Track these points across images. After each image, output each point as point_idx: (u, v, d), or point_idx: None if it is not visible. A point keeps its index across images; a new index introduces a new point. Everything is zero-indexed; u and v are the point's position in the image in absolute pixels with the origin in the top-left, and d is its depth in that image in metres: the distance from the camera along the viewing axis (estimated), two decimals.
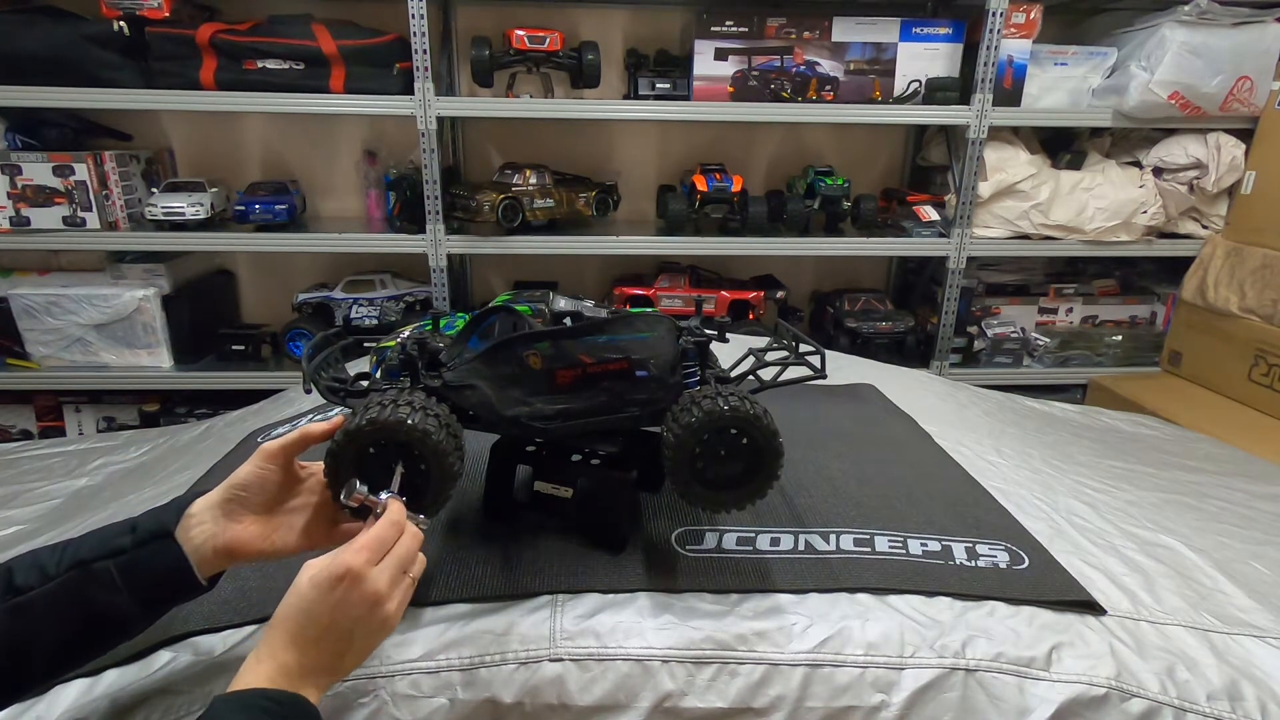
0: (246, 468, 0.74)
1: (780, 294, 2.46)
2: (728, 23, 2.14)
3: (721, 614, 0.82)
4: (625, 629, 0.80)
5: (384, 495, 0.71)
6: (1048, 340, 2.46)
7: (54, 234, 2.08)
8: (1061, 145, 2.42)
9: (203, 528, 0.70)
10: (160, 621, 0.72)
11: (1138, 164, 2.33)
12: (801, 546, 0.93)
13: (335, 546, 0.70)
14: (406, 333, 1.01)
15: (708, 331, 0.91)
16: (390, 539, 0.67)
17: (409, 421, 0.72)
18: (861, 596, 0.86)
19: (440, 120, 2.08)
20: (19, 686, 0.66)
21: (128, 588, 0.66)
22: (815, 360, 0.90)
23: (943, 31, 2.19)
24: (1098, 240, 2.28)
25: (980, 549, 0.95)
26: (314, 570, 0.63)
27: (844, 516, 1.00)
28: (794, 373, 0.92)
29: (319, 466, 0.76)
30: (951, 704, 0.77)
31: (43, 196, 2.04)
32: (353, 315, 2.32)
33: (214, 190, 2.21)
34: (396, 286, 2.38)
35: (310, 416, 1.38)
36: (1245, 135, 2.23)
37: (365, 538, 0.66)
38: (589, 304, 1.71)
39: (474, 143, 2.52)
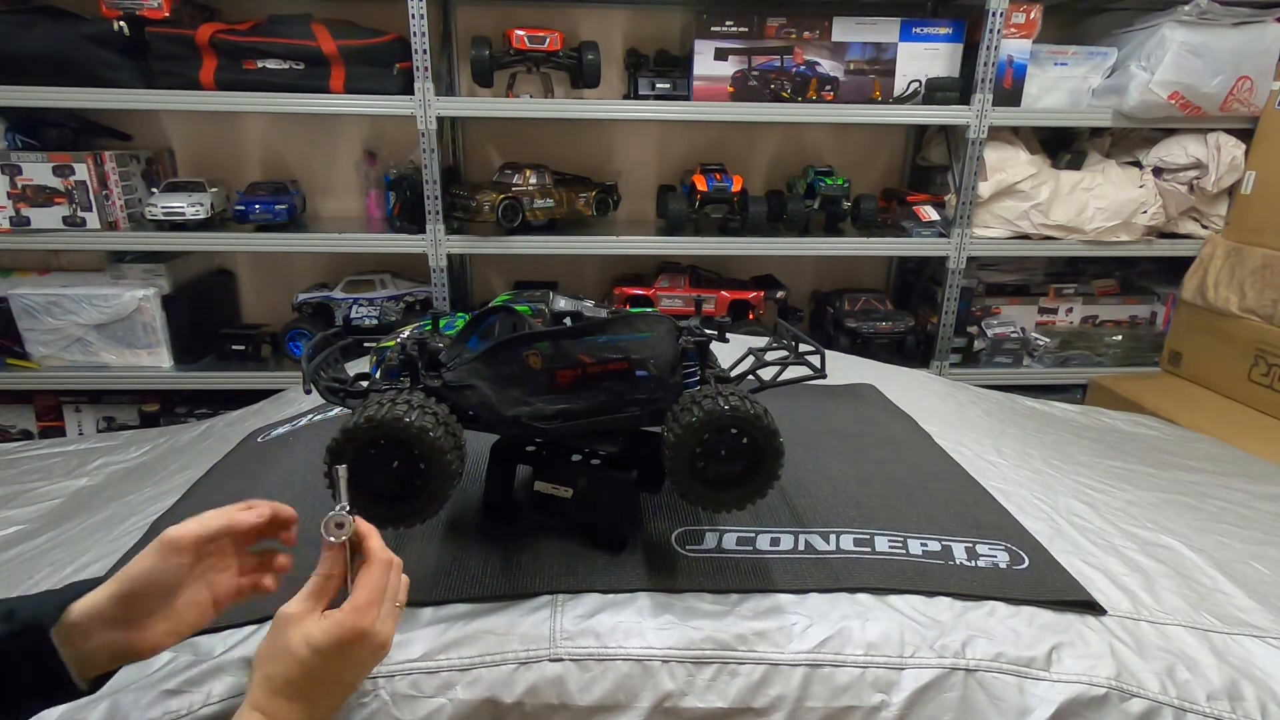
0: (149, 564, 0.62)
1: (780, 294, 2.46)
2: (728, 23, 2.14)
3: (721, 614, 0.82)
4: (625, 629, 0.80)
5: (342, 513, 0.65)
6: (1048, 340, 2.46)
7: (54, 234, 2.08)
8: (1061, 145, 2.42)
9: (94, 640, 0.60)
10: None
11: (1138, 164, 2.33)
12: (801, 546, 0.93)
13: (245, 595, 0.68)
14: (406, 333, 1.01)
15: (708, 331, 0.91)
16: (386, 582, 0.64)
17: (406, 419, 0.72)
18: (861, 596, 0.86)
19: (440, 120, 2.08)
20: None
21: None
22: (815, 360, 0.90)
23: (943, 31, 2.19)
24: (1098, 240, 2.28)
25: (980, 549, 0.95)
26: (315, 635, 0.59)
27: (844, 516, 1.00)
28: (794, 372, 0.92)
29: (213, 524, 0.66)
30: (951, 704, 0.77)
31: (43, 196, 2.04)
32: (353, 315, 2.32)
33: (214, 190, 2.21)
34: (396, 286, 2.38)
35: (310, 417, 1.38)
36: (1245, 135, 2.23)
37: (367, 593, 0.62)
38: (589, 304, 1.71)
39: (474, 143, 2.52)
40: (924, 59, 2.21)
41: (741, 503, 0.82)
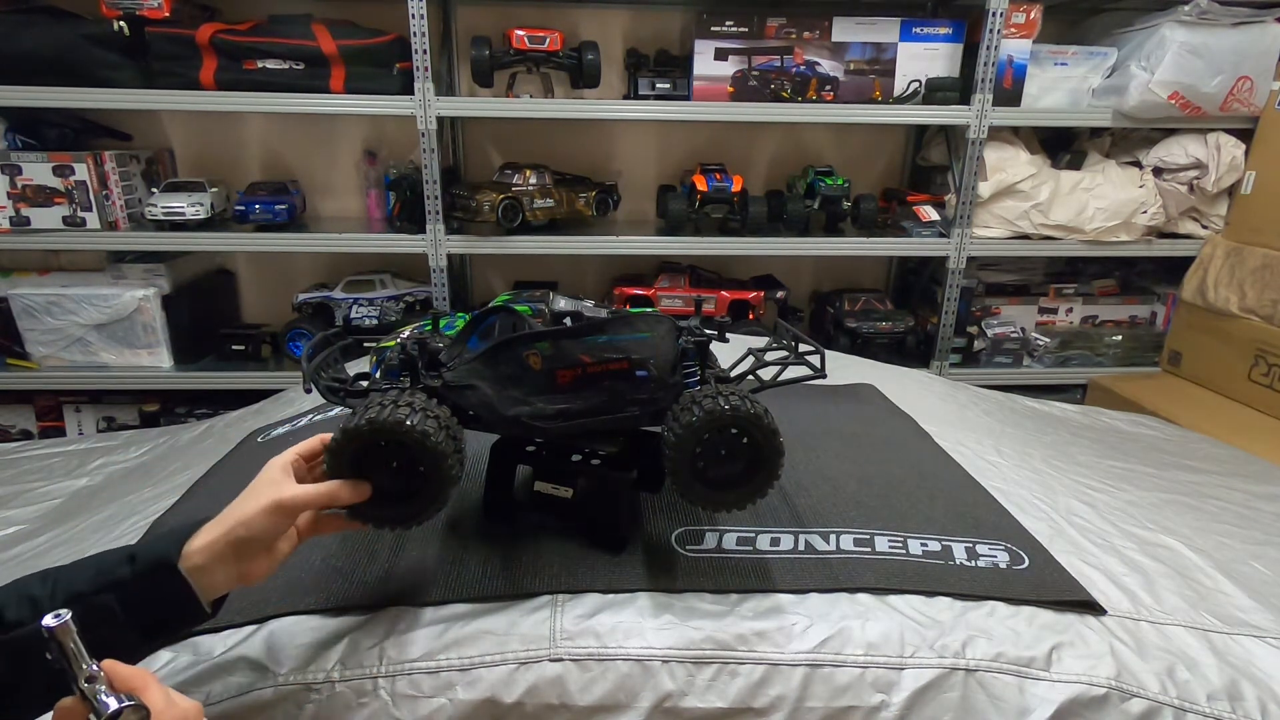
0: (263, 521, 0.69)
1: (780, 294, 2.46)
2: (728, 23, 2.14)
3: (721, 614, 0.82)
4: (625, 629, 0.80)
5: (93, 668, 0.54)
6: (1048, 340, 2.46)
7: (54, 234, 2.08)
8: (1061, 145, 2.42)
9: (212, 574, 0.67)
10: None
11: (1138, 164, 2.32)
12: (801, 546, 0.93)
13: (323, 529, 0.77)
14: (406, 333, 1.01)
15: (708, 331, 0.91)
16: None
17: (408, 423, 0.72)
18: (861, 596, 0.86)
19: (440, 120, 2.08)
20: None
21: (130, 620, 0.64)
22: (815, 360, 0.90)
23: (943, 31, 2.19)
24: (1098, 240, 2.28)
25: (980, 549, 0.95)
26: None
27: (844, 516, 1.00)
28: (794, 372, 0.92)
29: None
30: (951, 704, 0.77)
31: (43, 196, 2.04)
32: (353, 315, 2.32)
33: (214, 190, 2.21)
34: (396, 286, 2.38)
35: (310, 417, 1.38)
36: (1245, 135, 2.23)
37: None
38: (589, 304, 1.71)
39: (474, 143, 2.52)
40: (924, 59, 2.21)
41: (742, 502, 0.82)
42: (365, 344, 1.06)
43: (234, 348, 2.34)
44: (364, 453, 0.74)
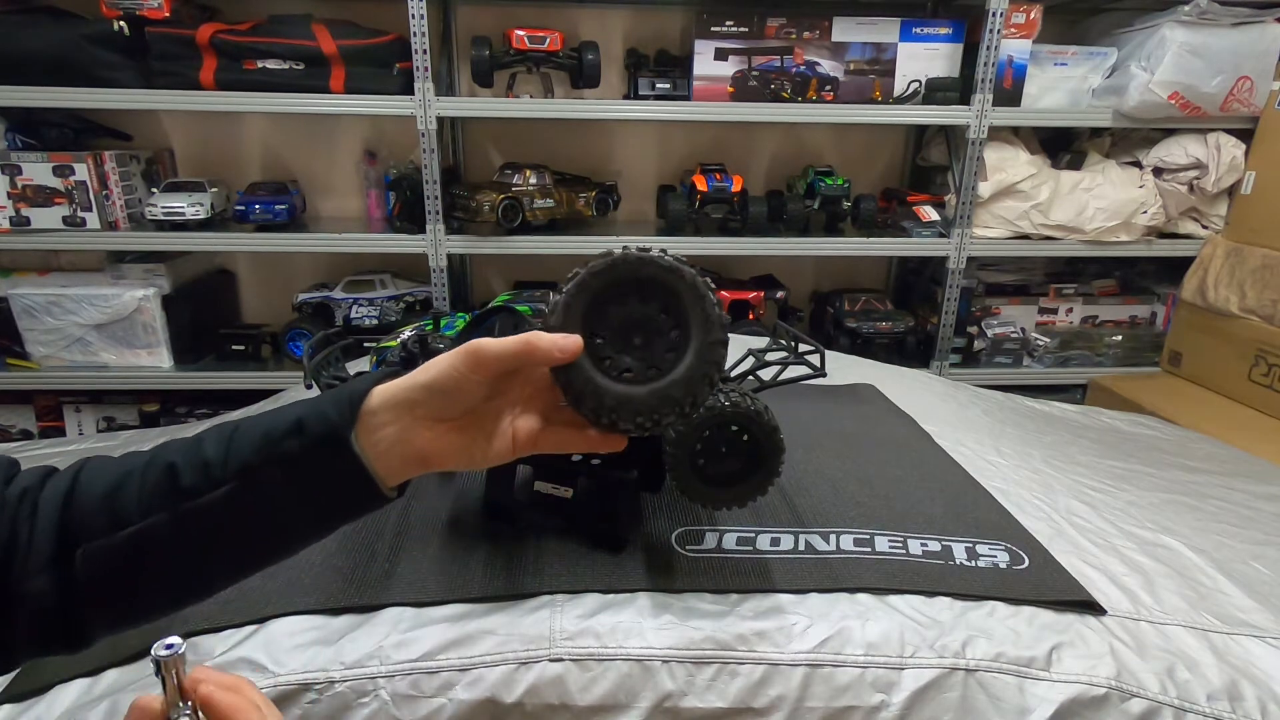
0: (445, 369, 0.56)
1: (780, 294, 2.46)
2: (728, 23, 2.14)
3: (721, 614, 0.82)
4: (625, 629, 0.80)
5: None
6: (1048, 340, 2.46)
7: (54, 234, 2.08)
8: (1061, 145, 2.42)
9: (386, 432, 0.56)
10: (159, 622, 0.63)
11: (1138, 164, 2.33)
12: (801, 546, 0.93)
13: (552, 446, 0.60)
14: (407, 333, 1.01)
15: None
16: None
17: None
18: (861, 596, 0.86)
19: (440, 120, 2.08)
20: (187, 598, 0.57)
21: (299, 499, 0.55)
22: (815, 359, 0.90)
23: (943, 31, 2.19)
24: (1098, 240, 2.28)
25: (980, 549, 0.95)
26: None
27: (844, 516, 1.00)
28: (794, 372, 0.93)
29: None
30: (951, 704, 0.77)
31: (43, 196, 2.04)
32: (353, 315, 2.32)
33: (214, 190, 2.21)
34: (396, 286, 2.38)
35: None
36: (1245, 135, 2.23)
37: None
38: None
39: (474, 143, 2.52)
40: (924, 59, 2.21)
41: (742, 500, 0.83)
42: (365, 344, 1.06)
43: (234, 348, 2.34)
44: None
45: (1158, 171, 2.28)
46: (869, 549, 0.93)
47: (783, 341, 0.99)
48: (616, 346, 0.58)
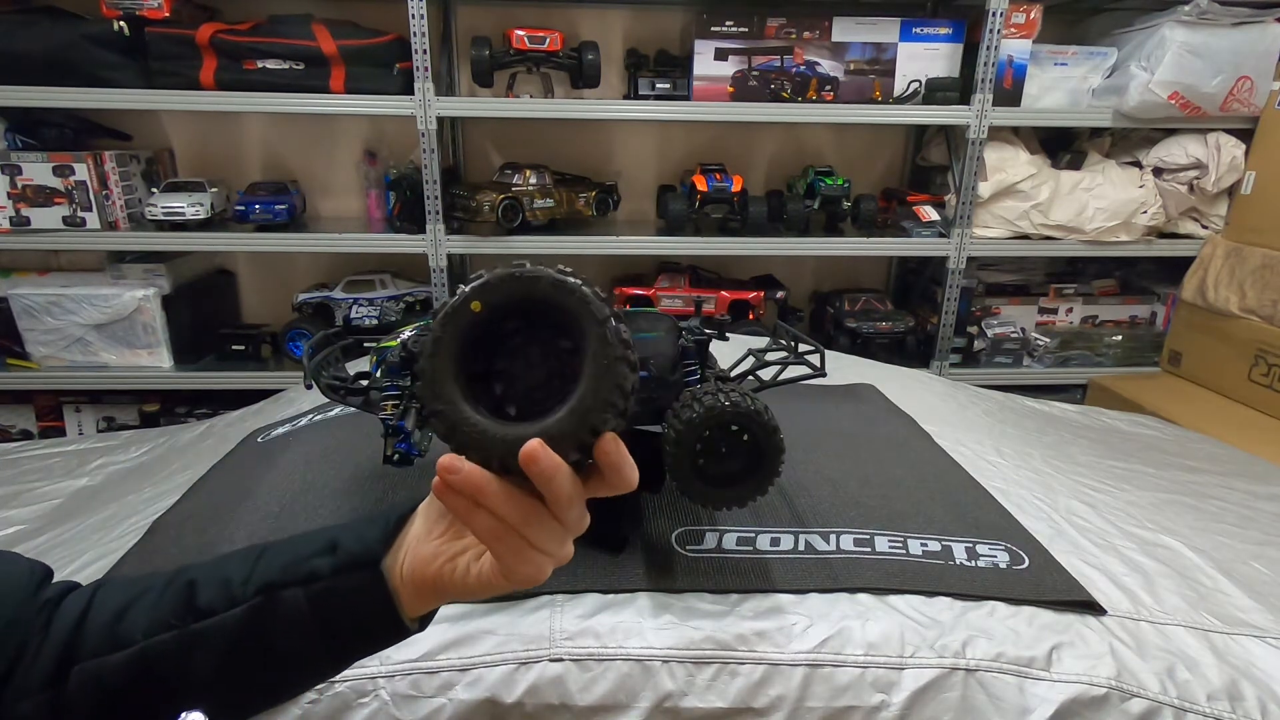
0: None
1: (780, 294, 2.46)
2: (728, 23, 2.14)
3: (721, 614, 0.82)
4: (625, 629, 0.80)
5: None
6: (1048, 340, 2.46)
7: (54, 234, 2.07)
8: (1061, 145, 2.42)
9: (425, 574, 0.50)
10: None
11: (1138, 164, 2.32)
12: (802, 546, 0.93)
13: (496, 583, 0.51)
14: (407, 333, 1.01)
15: (707, 331, 0.91)
16: None
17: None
18: (862, 596, 0.86)
19: (440, 120, 2.08)
20: None
21: (318, 627, 0.51)
22: (814, 359, 0.90)
23: (943, 31, 2.19)
24: (1098, 240, 2.28)
25: (980, 549, 0.95)
26: None
27: (844, 516, 1.00)
28: (794, 372, 0.93)
29: None
30: (951, 704, 0.77)
31: (43, 196, 2.04)
32: (353, 315, 2.32)
33: (214, 190, 2.21)
34: (396, 286, 2.38)
35: (310, 417, 1.37)
36: (1245, 135, 2.22)
37: None
38: None
39: (474, 143, 2.52)
40: (924, 59, 2.21)
41: (742, 500, 0.82)
42: (365, 344, 1.06)
43: (234, 348, 2.34)
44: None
45: (1158, 171, 2.28)
46: (869, 549, 0.93)
47: (783, 341, 0.99)
48: (504, 380, 0.51)
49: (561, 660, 0.78)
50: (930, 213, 2.31)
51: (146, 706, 0.51)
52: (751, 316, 2.38)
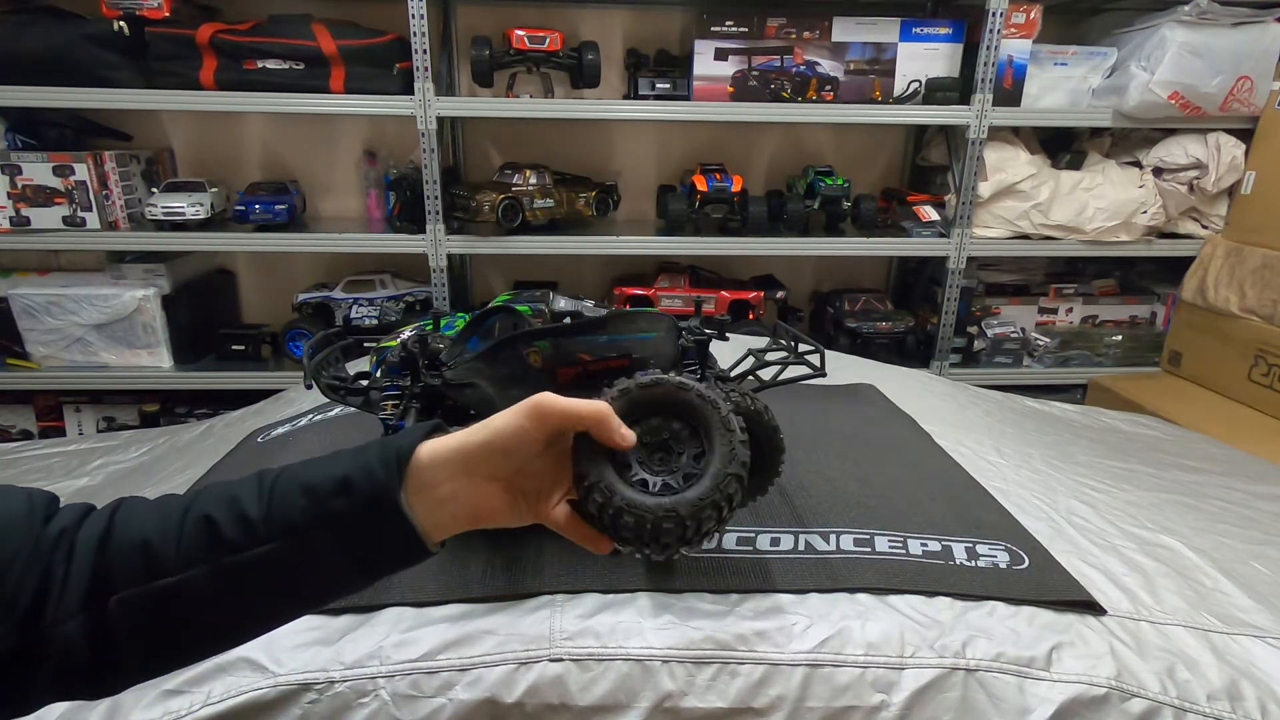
0: (507, 426, 0.56)
1: (780, 294, 2.46)
2: (728, 23, 2.14)
3: (721, 614, 0.82)
4: (625, 629, 0.80)
5: None
6: (1048, 340, 2.46)
7: (54, 234, 2.07)
8: (1061, 145, 2.42)
9: (439, 491, 0.56)
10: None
11: (1138, 164, 2.32)
12: (802, 546, 0.93)
13: (570, 534, 0.62)
14: (407, 332, 1.01)
15: (707, 331, 0.91)
16: None
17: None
18: (861, 596, 0.86)
19: (440, 120, 2.08)
20: (220, 646, 0.59)
21: (346, 557, 0.55)
22: (814, 359, 0.90)
23: (943, 31, 2.19)
24: (1098, 240, 2.28)
25: (980, 549, 0.95)
26: None
27: (844, 516, 1.00)
28: (794, 372, 0.93)
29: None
30: (952, 704, 0.77)
31: (43, 196, 2.04)
32: (353, 315, 2.32)
33: (214, 190, 2.21)
34: (396, 286, 2.38)
35: (310, 417, 1.38)
36: (1245, 135, 2.23)
37: None
38: (589, 304, 1.71)
39: (474, 143, 2.52)
40: (924, 59, 2.21)
41: (742, 500, 0.82)
42: (365, 344, 1.06)
43: (234, 348, 2.34)
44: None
45: (1158, 171, 2.28)
46: (869, 549, 0.93)
47: (783, 341, 0.99)
48: (638, 454, 0.59)
49: (561, 660, 0.78)
50: (930, 213, 2.31)
51: (189, 630, 0.55)
52: (751, 316, 2.38)
